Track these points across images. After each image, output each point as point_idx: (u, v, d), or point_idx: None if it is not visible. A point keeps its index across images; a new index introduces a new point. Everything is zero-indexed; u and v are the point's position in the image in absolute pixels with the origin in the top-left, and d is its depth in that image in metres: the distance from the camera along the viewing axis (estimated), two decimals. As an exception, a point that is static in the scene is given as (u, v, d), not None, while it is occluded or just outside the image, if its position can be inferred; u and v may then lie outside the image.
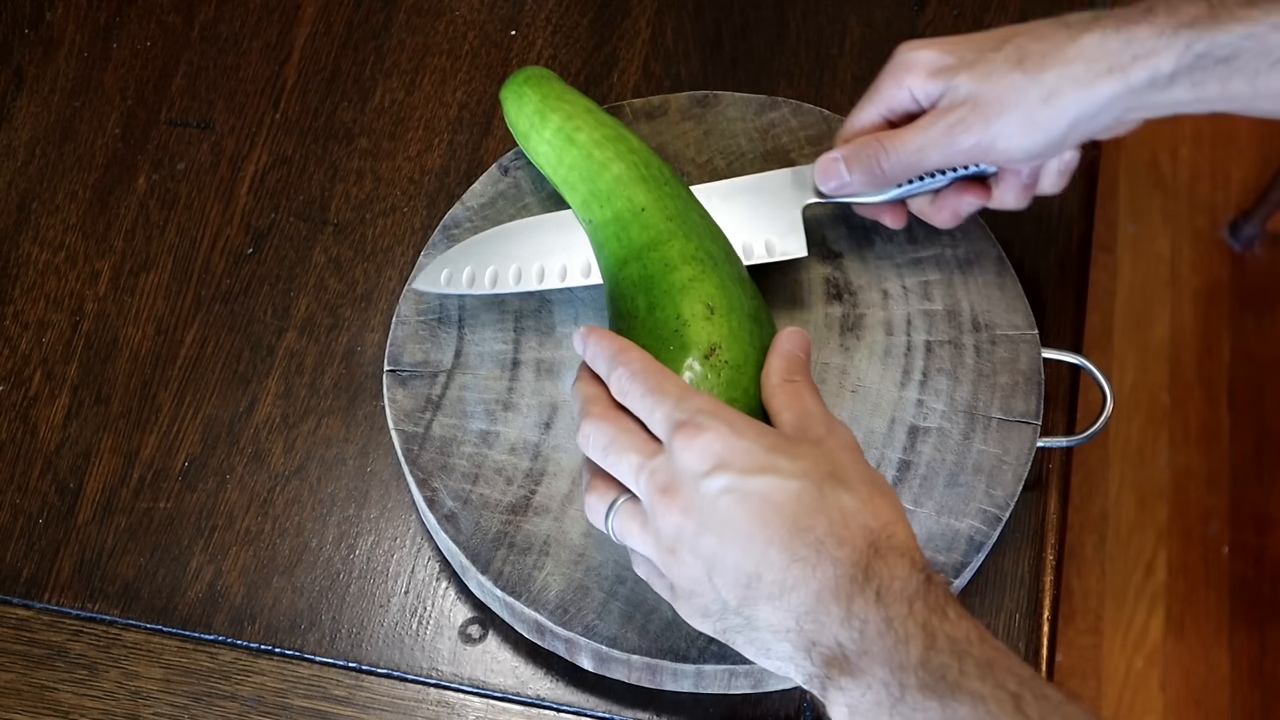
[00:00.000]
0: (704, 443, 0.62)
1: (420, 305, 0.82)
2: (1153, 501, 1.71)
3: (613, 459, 0.66)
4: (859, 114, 0.77)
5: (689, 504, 0.62)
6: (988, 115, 0.72)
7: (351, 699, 0.77)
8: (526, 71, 0.83)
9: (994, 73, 0.72)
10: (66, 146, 0.92)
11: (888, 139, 0.75)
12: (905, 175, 0.76)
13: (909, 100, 0.75)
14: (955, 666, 0.57)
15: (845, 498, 0.61)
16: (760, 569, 0.61)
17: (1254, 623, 1.65)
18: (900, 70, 0.75)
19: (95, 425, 0.83)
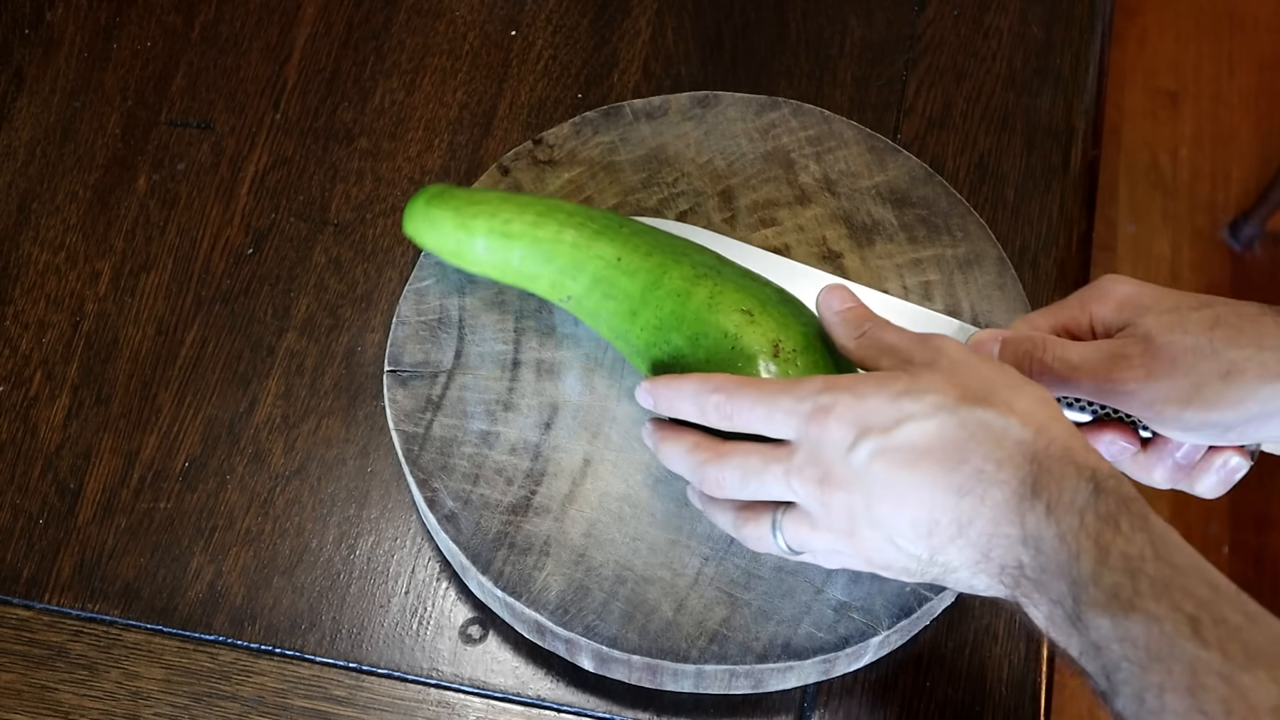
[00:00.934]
0: (836, 419, 0.62)
1: (420, 305, 0.82)
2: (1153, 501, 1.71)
3: (756, 484, 0.65)
4: (1036, 314, 0.73)
5: (847, 480, 0.62)
6: (1154, 366, 0.67)
7: (352, 699, 0.77)
8: (423, 194, 0.79)
9: (1179, 327, 0.67)
10: (66, 147, 0.92)
11: (1050, 343, 0.70)
12: (1052, 388, 0.70)
13: (1087, 326, 0.71)
14: (1129, 585, 0.55)
15: (987, 415, 0.60)
16: (935, 515, 0.60)
17: (1254, 623, 1.65)
18: (1092, 293, 0.71)
19: (95, 425, 0.83)
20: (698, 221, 0.84)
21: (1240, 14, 2.02)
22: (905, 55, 0.95)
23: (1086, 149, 0.93)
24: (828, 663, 0.74)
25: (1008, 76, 0.94)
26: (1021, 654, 0.78)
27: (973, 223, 0.84)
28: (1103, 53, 0.96)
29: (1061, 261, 0.88)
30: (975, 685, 0.77)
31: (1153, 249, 1.87)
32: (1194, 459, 0.71)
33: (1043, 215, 0.89)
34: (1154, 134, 1.94)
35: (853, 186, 0.85)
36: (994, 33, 0.95)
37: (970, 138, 0.92)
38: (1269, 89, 1.97)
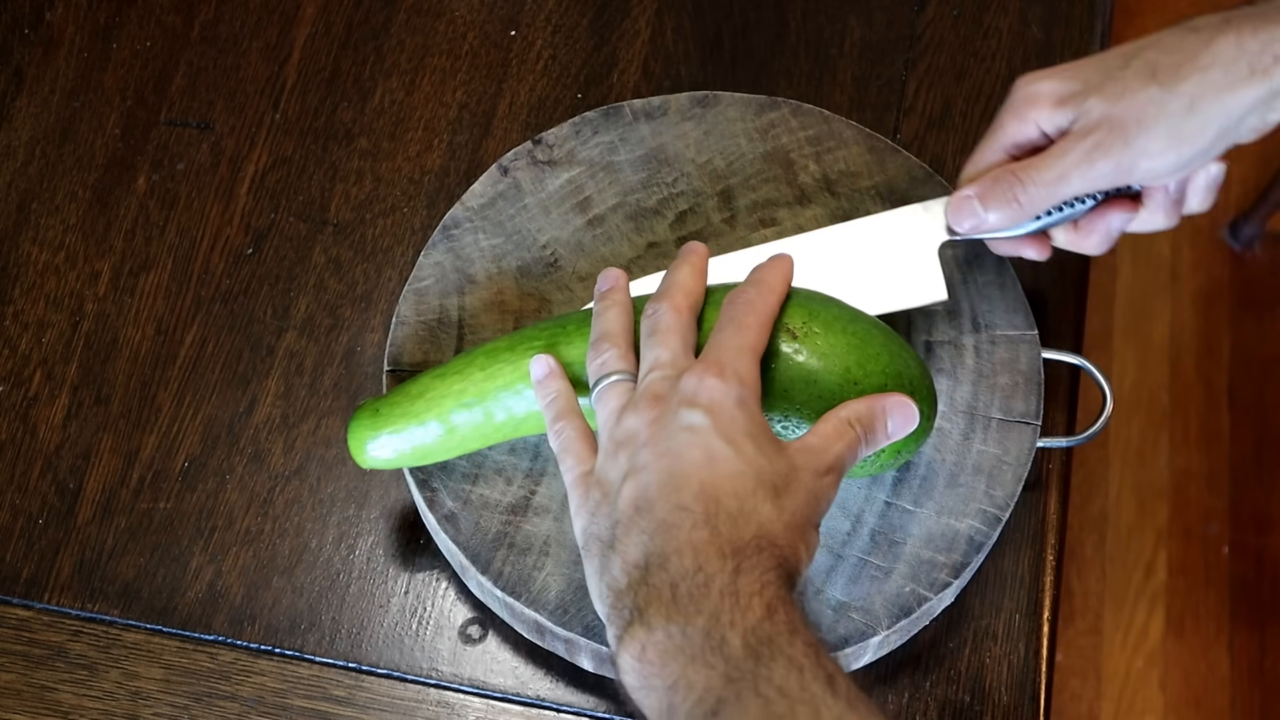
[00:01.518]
0: (713, 385, 0.64)
1: (420, 305, 0.82)
2: (1153, 502, 1.71)
3: (654, 341, 0.67)
4: (981, 153, 0.74)
5: (660, 417, 0.64)
6: (1126, 134, 0.69)
7: (351, 699, 0.77)
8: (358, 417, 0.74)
9: (1127, 91, 0.69)
10: (66, 147, 0.92)
11: (1023, 170, 0.72)
12: (1045, 206, 0.73)
13: (1035, 134, 0.72)
14: (785, 638, 0.58)
15: (767, 507, 0.62)
16: (657, 501, 0.62)
17: (1254, 623, 1.65)
18: (1022, 104, 0.72)
19: (95, 425, 0.83)
20: (697, 221, 0.84)
21: (1240, 14, 2.02)
22: (905, 55, 0.95)
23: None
24: (827, 663, 0.74)
25: (1008, 76, 0.94)
26: (1021, 654, 0.78)
27: (972, 223, 0.84)
28: (1102, 53, 0.96)
29: (1061, 261, 0.88)
30: (975, 685, 0.77)
31: (1152, 249, 1.87)
32: (1181, 190, 0.75)
33: (1042, 215, 0.89)
34: (1154, 134, 1.94)
35: (852, 186, 0.85)
36: (994, 33, 0.95)
37: (970, 138, 0.92)
38: (1269, 89, 1.97)
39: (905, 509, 0.76)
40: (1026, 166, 0.72)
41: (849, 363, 0.69)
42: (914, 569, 0.75)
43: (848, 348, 0.70)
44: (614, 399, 0.67)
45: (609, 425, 0.67)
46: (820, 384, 0.69)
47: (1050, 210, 0.73)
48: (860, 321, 0.71)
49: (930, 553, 0.75)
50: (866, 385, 0.69)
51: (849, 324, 0.70)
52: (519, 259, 0.83)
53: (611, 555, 0.63)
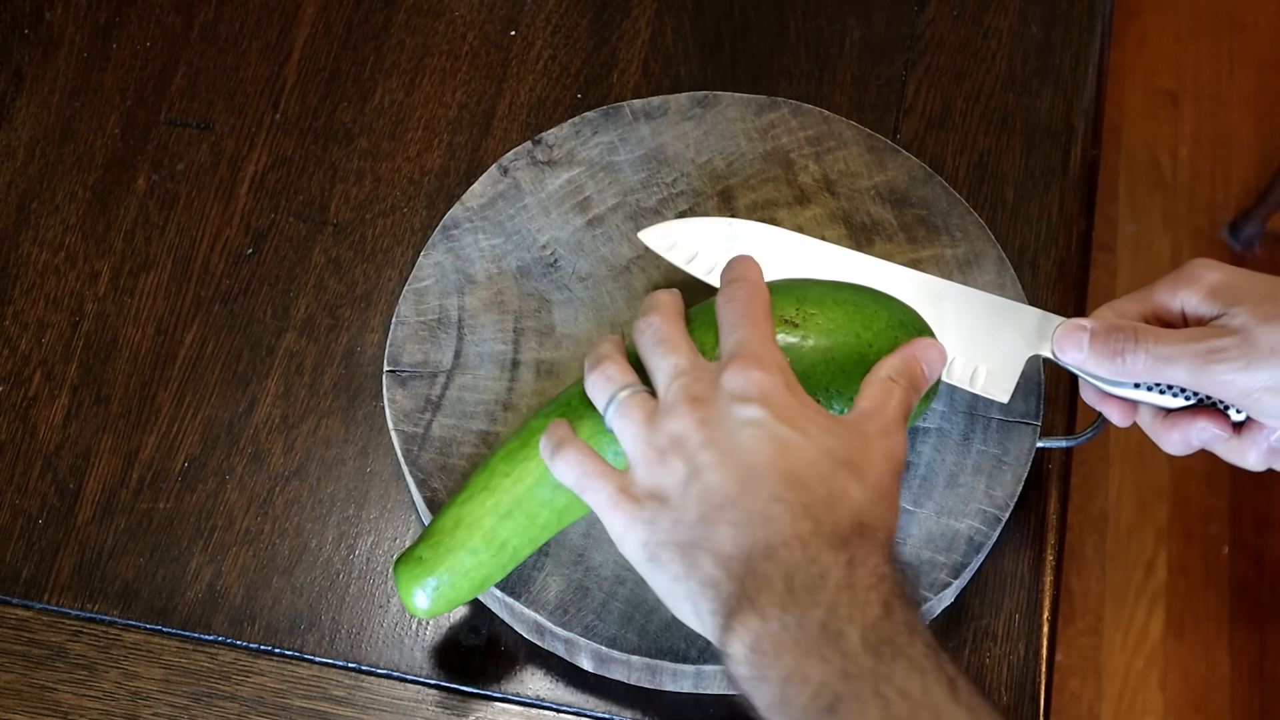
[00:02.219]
0: (759, 377, 0.63)
1: (419, 305, 0.82)
2: (1153, 501, 1.71)
3: (664, 350, 0.66)
4: (1124, 301, 0.72)
5: (710, 418, 0.63)
6: (1252, 356, 0.67)
7: (351, 699, 0.77)
8: (404, 572, 0.71)
9: (1277, 317, 0.67)
10: (66, 147, 0.92)
11: (1144, 332, 0.70)
12: (1145, 377, 0.70)
13: (1178, 312, 0.71)
14: (905, 638, 0.58)
15: (853, 485, 0.62)
16: (743, 495, 0.61)
17: (1254, 623, 1.65)
18: (1181, 279, 0.70)
19: (95, 425, 0.83)
20: (697, 221, 0.84)
21: (1240, 14, 2.02)
22: (905, 55, 0.95)
23: (1086, 149, 0.93)
24: (827, 663, 0.74)
25: (1007, 76, 0.94)
26: (1021, 654, 0.78)
27: (972, 223, 0.84)
28: (1103, 53, 0.96)
29: (1061, 261, 0.88)
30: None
31: (1153, 249, 1.87)
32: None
33: (1042, 215, 0.89)
34: (1154, 134, 1.94)
35: (852, 186, 0.85)
36: (994, 33, 0.95)
37: (970, 138, 0.92)
38: (1269, 89, 1.97)
39: (905, 509, 0.76)
40: (1147, 332, 0.70)
41: (855, 328, 0.70)
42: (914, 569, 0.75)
43: (847, 316, 0.70)
44: (637, 409, 0.66)
45: (641, 435, 0.65)
46: (837, 358, 0.69)
47: (1149, 386, 0.71)
48: (844, 289, 0.72)
49: (930, 553, 0.75)
50: (879, 344, 0.69)
51: (837, 294, 0.71)
52: (519, 259, 0.83)
53: (698, 554, 0.61)
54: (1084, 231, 0.90)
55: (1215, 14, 2.02)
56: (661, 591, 0.64)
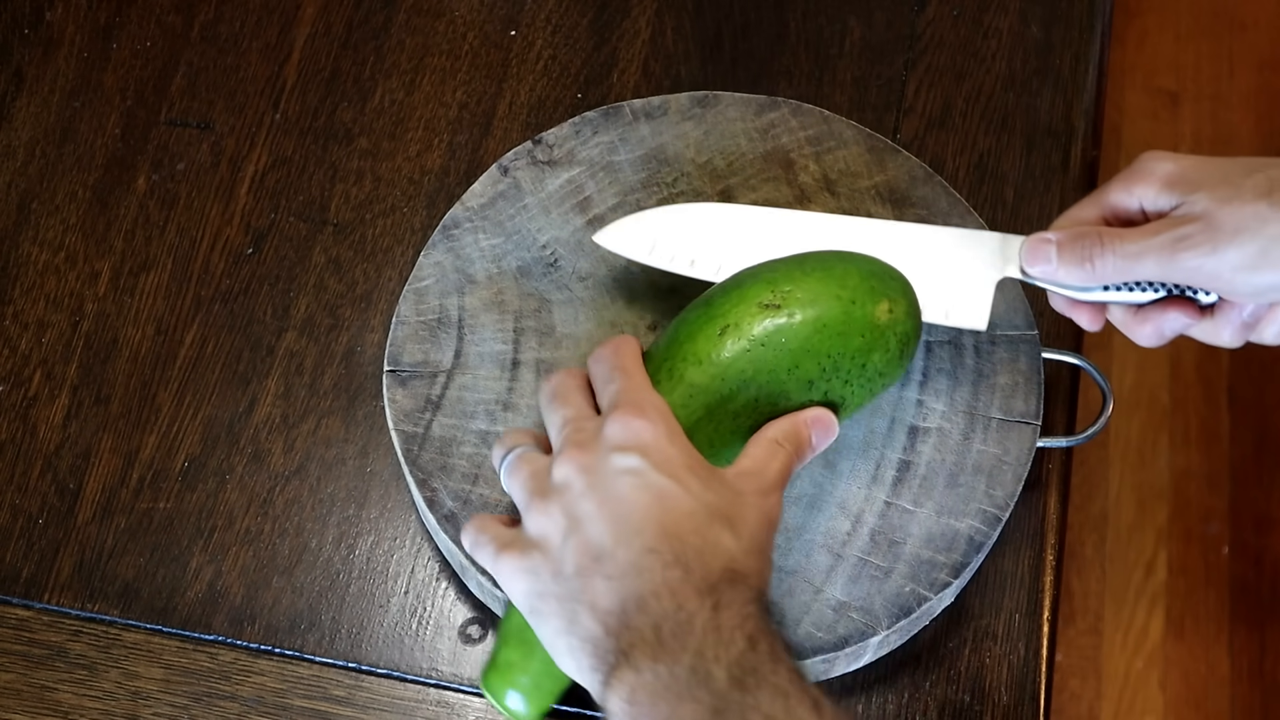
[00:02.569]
0: (638, 426, 0.64)
1: (420, 305, 0.82)
2: (1153, 501, 1.71)
3: (556, 405, 0.67)
4: (1078, 207, 0.73)
5: (591, 466, 0.64)
6: (1217, 239, 0.67)
7: (351, 699, 0.77)
8: (494, 681, 0.70)
9: (1236, 197, 0.67)
10: (66, 146, 0.92)
11: (1108, 235, 0.70)
12: (1115, 278, 0.71)
13: (1136, 208, 0.71)
14: (768, 667, 0.59)
15: (726, 537, 0.63)
16: (618, 548, 0.62)
17: (1254, 623, 1.65)
18: (1134, 175, 0.70)
19: (95, 425, 0.83)
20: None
21: (1240, 14, 2.02)
22: (905, 55, 0.95)
23: (1086, 149, 0.93)
24: (827, 663, 0.74)
25: (1008, 76, 0.94)
26: (1021, 654, 0.78)
27: (972, 223, 0.84)
28: (1103, 53, 0.96)
29: (1061, 261, 0.88)
30: (975, 685, 0.77)
31: (1153, 249, 1.86)
32: (1259, 315, 0.72)
33: (1043, 215, 0.89)
34: (1154, 134, 1.94)
35: (852, 186, 0.85)
36: (994, 33, 0.95)
37: (970, 138, 0.92)
38: (1269, 89, 1.97)
39: (905, 509, 0.76)
40: (1111, 234, 0.70)
41: (833, 291, 0.70)
42: (914, 569, 0.75)
43: (821, 283, 0.70)
44: (525, 465, 0.67)
45: (528, 486, 0.66)
46: (828, 324, 0.69)
47: (1119, 285, 0.72)
48: (808, 259, 0.72)
49: (930, 553, 0.75)
50: (859, 298, 0.69)
51: (804, 266, 0.71)
52: (519, 259, 0.83)
53: (577, 608, 0.62)
54: (1084, 231, 0.90)
55: (1215, 14, 2.02)
56: (545, 643, 0.65)
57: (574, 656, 0.63)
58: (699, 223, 0.79)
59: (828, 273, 0.71)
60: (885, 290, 0.71)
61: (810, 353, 0.69)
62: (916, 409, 0.79)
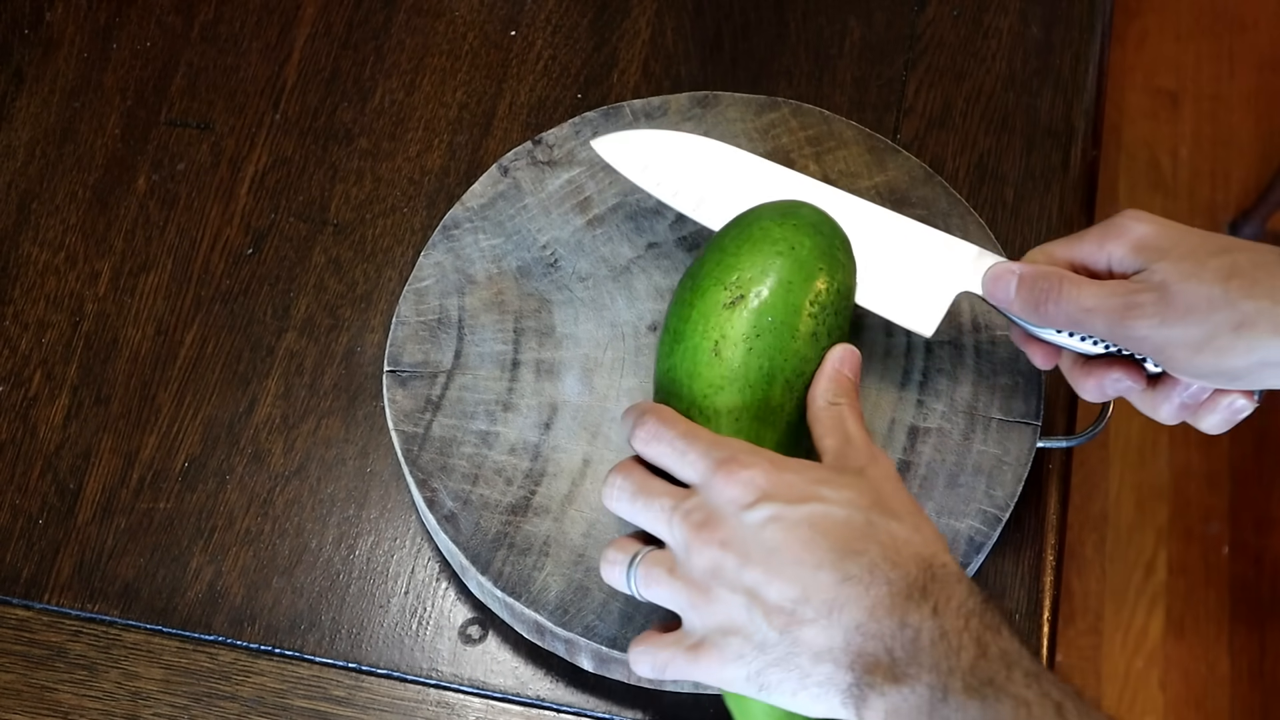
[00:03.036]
0: (747, 476, 0.62)
1: (420, 305, 0.82)
2: (1153, 501, 1.71)
3: (641, 503, 0.65)
4: (1054, 245, 0.73)
5: (730, 537, 0.62)
6: (1167, 314, 0.66)
7: (351, 699, 0.77)
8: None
9: (1195, 275, 0.66)
10: (66, 147, 0.92)
11: (1068, 283, 0.70)
12: (1063, 325, 0.71)
13: (1104, 265, 0.71)
14: (1003, 674, 0.58)
15: (894, 525, 0.62)
16: (809, 592, 0.61)
17: (1254, 623, 1.65)
18: (1109, 231, 0.70)
19: (95, 425, 0.83)
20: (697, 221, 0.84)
21: (1240, 14, 2.02)
22: (905, 55, 0.95)
23: (1086, 149, 0.93)
24: (827, 663, 0.74)
25: (1008, 76, 0.94)
26: (1021, 654, 0.78)
27: (972, 223, 0.84)
28: (1103, 53, 0.96)
29: (1061, 261, 0.88)
30: (975, 685, 0.77)
31: (1153, 249, 1.86)
32: (1200, 399, 0.71)
33: (1043, 215, 0.89)
34: (1154, 134, 1.94)
35: (852, 186, 0.85)
36: (994, 33, 0.95)
37: (970, 138, 0.92)
38: (1269, 89, 1.97)
39: (905, 509, 0.76)
40: (1072, 283, 0.70)
41: (776, 250, 0.70)
42: (914, 569, 0.75)
43: (760, 249, 0.70)
44: (655, 565, 0.65)
45: (677, 585, 0.64)
46: (792, 280, 0.69)
47: (1072, 332, 0.72)
48: (746, 226, 0.72)
49: (930, 553, 0.75)
50: (799, 239, 0.70)
51: (748, 234, 0.71)
52: (519, 259, 0.83)
53: (799, 660, 0.61)
54: (1084, 231, 0.90)
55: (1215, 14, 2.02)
56: (792, 707, 0.63)
57: (823, 701, 0.61)
58: (696, 156, 0.80)
59: (767, 237, 0.71)
60: (809, 221, 0.71)
61: (795, 310, 0.69)
62: (916, 409, 0.79)
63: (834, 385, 0.68)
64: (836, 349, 0.70)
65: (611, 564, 0.66)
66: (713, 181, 0.79)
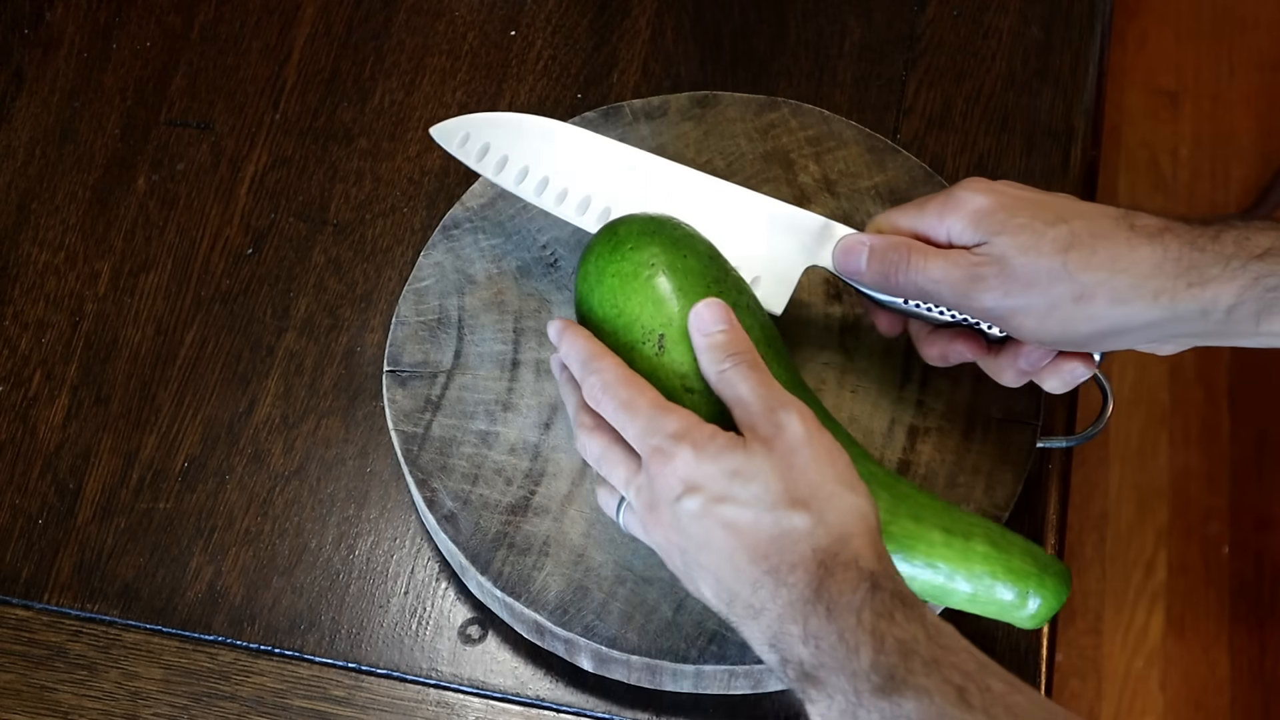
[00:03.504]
0: (672, 469, 0.64)
1: (420, 305, 0.82)
2: (1153, 501, 1.71)
3: (605, 470, 0.68)
4: (899, 214, 0.73)
5: (673, 523, 0.65)
6: (1009, 286, 0.68)
7: (351, 699, 0.77)
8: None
9: (1034, 248, 0.67)
10: (66, 146, 0.92)
11: (916, 254, 0.71)
12: (914, 296, 0.72)
13: (944, 237, 0.71)
14: (902, 665, 0.58)
15: (796, 520, 0.62)
16: (734, 594, 0.63)
17: (1254, 623, 1.65)
18: (951, 205, 0.71)
19: (95, 425, 0.83)
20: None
21: (1240, 14, 2.02)
22: (905, 55, 0.95)
23: (1086, 149, 0.93)
24: (827, 663, 0.74)
25: (1008, 76, 0.94)
26: (1021, 654, 0.78)
27: (972, 223, 0.84)
28: (1103, 53, 0.96)
29: (1061, 261, 0.88)
30: (975, 685, 0.77)
31: (1153, 249, 1.86)
32: (1042, 363, 0.72)
33: (1042, 215, 0.89)
34: (1154, 134, 1.94)
35: (852, 187, 0.85)
36: (994, 33, 0.95)
37: (970, 138, 0.92)
38: (1269, 89, 1.97)
39: (905, 509, 0.76)
40: (919, 254, 0.71)
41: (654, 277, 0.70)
42: (914, 569, 0.75)
43: (643, 279, 0.70)
44: (635, 524, 0.69)
45: (657, 543, 0.67)
46: (687, 293, 0.70)
47: (917, 303, 0.72)
48: (604, 276, 0.71)
49: (930, 553, 0.75)
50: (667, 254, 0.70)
51: (625, 285, 0.71)
52: (519, 259, 0.83)
53: (749, 640, 0.64)
54: (1084, 231, 0.90)
55: (1215, 14, 2.02)
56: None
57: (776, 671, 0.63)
58: (538, 137, 0.79)
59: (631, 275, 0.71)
60: (638, 233, 0.71)
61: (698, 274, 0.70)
62: (916, 409, 0.79)
63: (710, 353, 0.68)
64: (691, 316, 0.69)
65: (605, 504, 0.70)
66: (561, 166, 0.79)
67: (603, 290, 0.71)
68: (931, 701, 0.57)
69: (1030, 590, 0.69)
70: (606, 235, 0.73)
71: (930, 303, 0.72)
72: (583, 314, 0.73)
